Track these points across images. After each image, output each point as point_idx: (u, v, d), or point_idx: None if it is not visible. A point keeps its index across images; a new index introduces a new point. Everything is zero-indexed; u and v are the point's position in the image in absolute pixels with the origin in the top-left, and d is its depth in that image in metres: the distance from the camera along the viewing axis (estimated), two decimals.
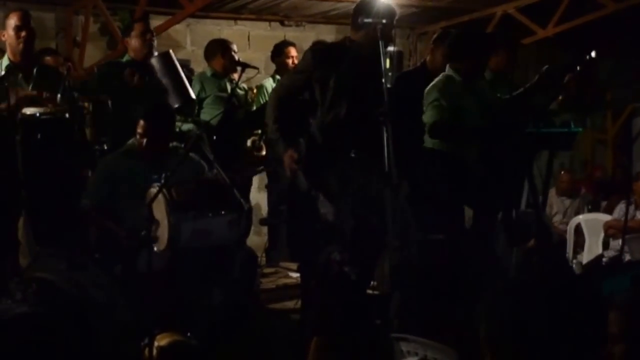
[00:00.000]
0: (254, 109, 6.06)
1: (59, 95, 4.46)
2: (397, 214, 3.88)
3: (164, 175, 3.83)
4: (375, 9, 4.16)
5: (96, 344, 3.37)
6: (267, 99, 5.77)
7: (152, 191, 3.84)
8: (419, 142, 4.90)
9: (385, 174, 3.84)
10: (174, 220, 3.80)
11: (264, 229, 6.73)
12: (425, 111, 4.74)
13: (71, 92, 4.72)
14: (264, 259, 5.93)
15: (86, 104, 5.25)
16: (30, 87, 4.58)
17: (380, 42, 4.00)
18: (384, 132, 3.84)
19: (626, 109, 10.20)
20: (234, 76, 5.96)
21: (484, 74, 5.10)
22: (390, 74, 5.53)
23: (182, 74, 5.21)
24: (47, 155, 4.44)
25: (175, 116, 4.88)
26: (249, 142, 6.06)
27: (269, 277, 5.52)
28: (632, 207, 6.67)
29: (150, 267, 3.59)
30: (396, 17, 4.27)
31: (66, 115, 4.50)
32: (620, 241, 6.28)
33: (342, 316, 3.30)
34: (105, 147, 5.05)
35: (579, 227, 7.41)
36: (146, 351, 3.37)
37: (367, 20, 4.11)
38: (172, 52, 5.32)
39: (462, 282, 4.10)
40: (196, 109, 5.63)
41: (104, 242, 4.25)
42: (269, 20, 8.04)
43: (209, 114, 5.75)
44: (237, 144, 5.92)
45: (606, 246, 7.14)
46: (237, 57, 5.89)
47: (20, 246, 4.59)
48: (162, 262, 3.83)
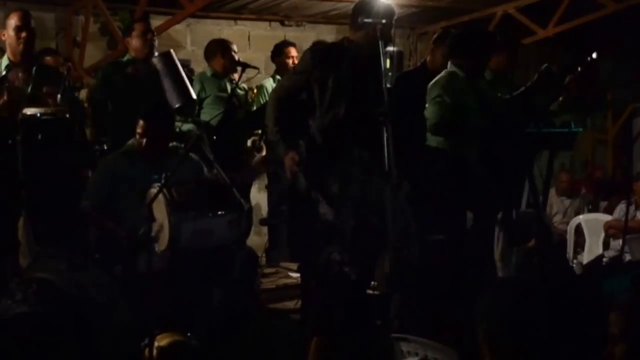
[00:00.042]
0: (254, 109, 6.06)
1: (59, 95, 4.46)
2: (397, 214, 3.88)
3: (164, 175, 3.83)
4: (375, 9, 4.16)
5: (96, 344, 3.36)
6: (267, 99, 5.78)
7: (152, 191, 3.84)
8: (420, 142, 4.90)
9: (385, 174, 3.84)
10: (174, 220, 3.80)
11: (264, 229, 6.73)
12: (427, 107, 4.74)
13: (71, 92, 4.72)
14: (264, 259, 5.93)
15: (86, 104, 5.27)
16: (30, 87, 4.58)
17: (380, 42, 4.00)
18: (384, 132, 3.84)
19: (626, 109, 10.21)
20: (234, 76, 5.96)
21: (484, 73, 5.09)
22: (390, 74, 5.54)
23: (183, 74, 5.22)
24: (48, 155, 4.43)
25: (174, 116, 4.88)
26: (249, 142, 6.06)
27: (269, 277, 5.52)
28: (632, 207, 6.66)
29: (150, 267, 3.59)
30: (395, 17, 4.27)
31: (66, 115, 4.50)
32: (620, 241, 6.27)
33: (342, 316, 3.29)
34: (105, 147, 5.05)
35: (579, 227, 7.41)
36: (146, 351, 3.36)
37: (367, 20, 4.11)
38: (173, 52, 5.32)
39: (462, 282, 4.10)
40: (196, 109, 5.63)
41: (104, 242, 4.25)
42: (269, 20, 8.04)
43: (209, 114, 5.75)
44: (237, 144, 5.92)
45: (606, 246, 7.13)
46: (237, 57, 5.89)
47: (20, 246, 4.59)
48: (163, 262, 3.83)
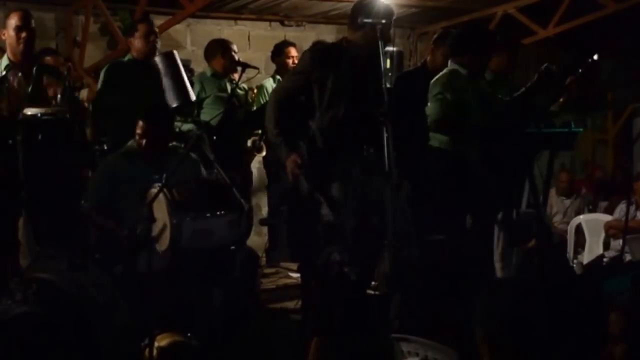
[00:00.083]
0: (254, 109, 6.06)
1: (59, 95, 4.46)
2: (397, 214, 3.87)
3: (165, 175, 3.83)
4: (374, 9, 4.15)
5: (96, 344, 3.37)
6: (267, 99, 5.78)
7: (153, 191, 3.84)
8: (420, 142, 4.90)
9: (385, 174, 3.84)
10: (175, 220, 3.79)
11: (264, 229, 6.72)
12: (428, 104, 4.75)
13: (71, 92, 4.72)
14: (264, 259, 5.92)
15: (86, 104, 5.27)
16: (30, 87, 4.58)
17: (379, 42, 4.00)
18: (384, 132, 3.84)
19: (627, 109, 10.20)
20: (234, 76, 5.96)
21: (484, 73, 5.09)
22: (390, 74, 5.54)
23: (184, 75, 5.22)
24: (48, 155, 4.43)
25: (174, 116, 4.88)
26: (249, 142, 6.06)
27: (269, 277, 5.52)
28: (632, 207, 6.66)
29: (150, 267, 3.59)
30: (394, 17, 4.26)
31: (66, 115, 4.50)
32: (621, 241, 6.27)
33: (342, 316, 3.29)
34: (105, 147, 5.05)
35: (579, 227, 7.40)
36: (146, 351, 3.36)
37: (366, 20, 4.11)
38: (176, 52, 5.32)
39: (462, 282, 4.10)
40: (195, 110, 5.63)
41: (104, 242, 4.25)
42: (270, 20, 8.03)
43: (209, 114, 5.75)
44: (237, 144, 5.92)
45: (607, 246, 7.13)
46: (237, 57, 5.89)
47: (20, 246, 4.59)
48: (163, 262, 3.82)
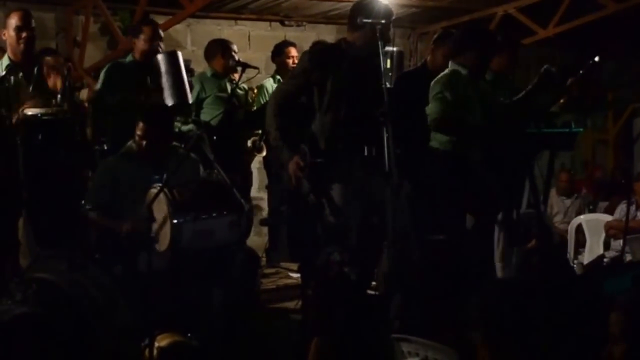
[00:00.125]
0: (255, 109, 6.06)
1: (59, 95, 4.46)
2: (398, 214, 3.87)
3: (165, 175, 3.83)
4: (374, 9, 4.15)
5: (96, 345, 3.37)
6: (267, 99, 5.77)
7: (153, 191, 3.83)
8: (420, 142, 4.90)
9: (385, 174, 3.84)
10: (175, 220, 3.79)
11: (265, 229, 6.72)
12: (429, 104, 4.76)
13: (71, 92, 4.72)
14: (264, 259, 5.92)
15: (86, 104, 5.27)
16: (31, 88, 4.58)
17: (379, 42, 4.00)
18: (384, 132, 3.84)
19: (627, 109, 10.20)
20: (234, 76, 5.95)
21: (485, 74, 5.09)
22: (390, 74, 5.54)
23: (185, 77, 5.20)
24: (48, 155, 4.43)
25: (174, 117, 4.88)
26: (249, 143, 6.06)
27: (269, 277, 5.51)
28: (633, 208, 6.66)
29: (150, 267, 3.59)
30: (393, 17, 4.26)
31: (67, 115, 4.50)
32: (621, 241, 6.27)
33: (342, 316, 3.29)
34: (105, 147, 5.05)
35: (580, 228, 7.41)
36: (146, 352, 3.36)
37: (366, 20, 4.10)
38: (179, 53, 5.32)
39: (462, 283, 4.09)
40: (193, 111, 5.62)
41: (104, 242, 4.25)
42: (270, 20, 8.03)
43: (209, 114, 5.75)
44: (238, 144, 5.92)
45: (607, 246, 7.13)
46: (237, 57, 5.89)
47: (20, 246, 4.59)
48: (163, 262, 3.82)
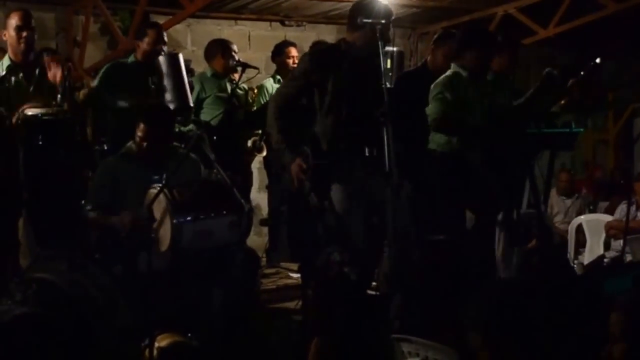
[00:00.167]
0: (255, 109, 6.06)
1: (59, 95, 4.46)
2: (398, 213, 3.87)
3: (165, 176, 3.83)
4: (374, 9, 4.14)
5: (96, 345, 3.36)
6: (268, 99, 5.77)
7: (153, 192, 3.83)
8: (421, 142, 4.90)
9: (386, 174, 3.84)
10: (176, 221, 3.79)
11: (265, 229, 6.72)
12: (429, 104, 4.76)
13: (71, 92, 4.72)
14: (264, 259, 5.92)
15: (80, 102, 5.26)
16: (31, 88, 4.58)
17: (379, 42, 4.00)
18: (385, 132, 3.83)
19: (627, 109, 10.20)
20: (234, 76, 5.95)
21: (486, 74, 5.09)
22: (391, 74, 5.53)
23: (186, 79, 5.19)
24: (48, 155, 4.43)
25: (175, 118, 4.88)
26: (249, 143, 6.06)
27: (269, 277, 5.51)
28: (633, 208, 6.66)
29: (151, 267, 3.59)
30: (393, 17, 4.26)
31: (67, 115, 4.50)
32: (621, 242, 6.27)
33: (342, 316, 3.29)
34: (105, 147, 5.04)
35: (580, 228, 7.40)
36: (147, 352, 3.36)
37: (366, 20, 4.10)
38: (181, 55, 5.31)
39: (462, 283, 4.09)
40: (192, 113, 5.61)
41: (104, 242, 4.25)
42: (270, 20, 8.03)
43: (209, 114, 5.75)
44: (238, 145, 5.91)
45: (607, 247, 7.13)
46: (237, 57, 5.89)
47: (20, 247, 4.59)
48: (163, 262, 3.82)
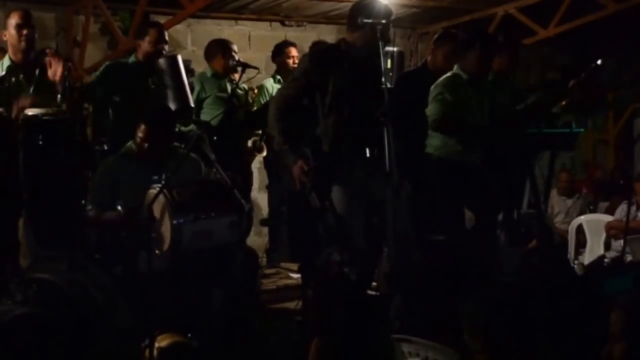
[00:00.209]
0: (255, 109, 6.05)
1: (59, 95, 4.46)
2: (398, 214, 3.87)
3: (165, 176, 3.82)
4: (374, 9, 4.14)
5: (96, 345, 3.36)
6: (268, 99, 5.77)
7: (152, 192, 3.83)
8: (421, 142, 4.90)
9: (386, 174, 3.83)
10: (175, 221, 3.79)
11: (265, 229, 6.72)
12: (429, 105, 4.77)
13: (72, 92, 4.72)
14: (264, 259, 5.92)
15: (87, 104, 5.27)
16: (32, 88, 4.58)
17: (380, 43, 3.99)
18: (385, 133, 3.83)
19: (627, 110, 10.20)
20: (235, 76, 5.95)
21: (487, 76, 5.10)
22: (391, 74, 5.54)
23: (185, 80, 5.19)
24: (48, 155, 4.43)
25: (175, 118, 4.88)
26: (249, 143, 6.05)
27: (269, 277, 5.50)
28: (633, 208, 6.65)
29: (151, 267, 3.59)
30: (393, 16, 4.26)
31: (67, 115, 4.49)
32: (621, 242, 6.27)
33: (342, 316, 3.29)
34: (105, 147, 5.04)
35: (580, 228, 7.40)
36: (147, 352, 3.36)
37: (366, 20, 4.09)
38: (180, 56, 5.31)
39: (462, 283, 4.09)
40: (193, 113, 5.61)
41: (104, 242, 4.25)
42: (270, 20, 8.03)
43: (209, 114, 5.74)
44: (238, 145, 5.91)
45: (608, 247, 7.12)
46: (237, 57, 5.89)
47: (20, 247, 4.59)
48: (163, 263, 3.82)
